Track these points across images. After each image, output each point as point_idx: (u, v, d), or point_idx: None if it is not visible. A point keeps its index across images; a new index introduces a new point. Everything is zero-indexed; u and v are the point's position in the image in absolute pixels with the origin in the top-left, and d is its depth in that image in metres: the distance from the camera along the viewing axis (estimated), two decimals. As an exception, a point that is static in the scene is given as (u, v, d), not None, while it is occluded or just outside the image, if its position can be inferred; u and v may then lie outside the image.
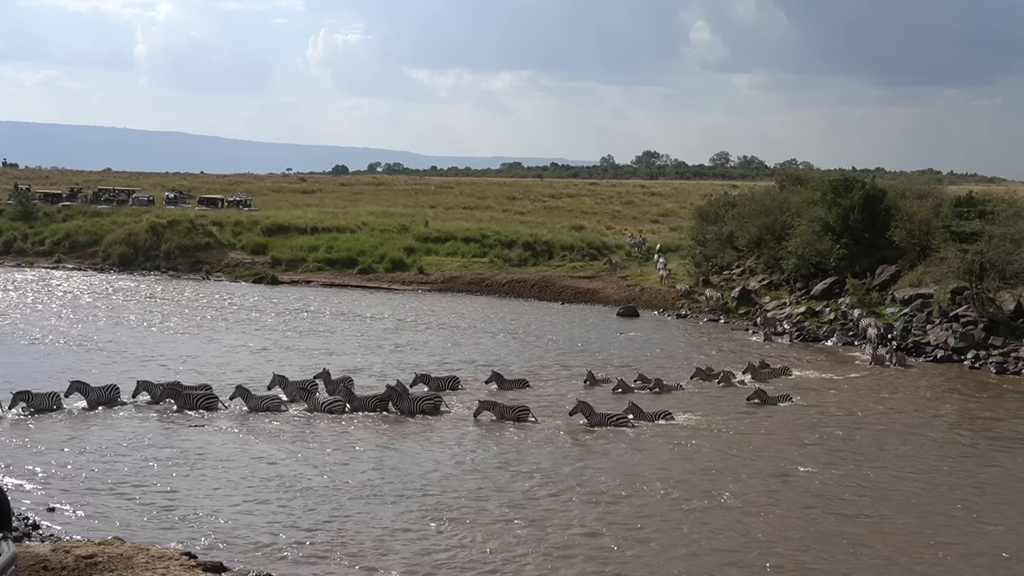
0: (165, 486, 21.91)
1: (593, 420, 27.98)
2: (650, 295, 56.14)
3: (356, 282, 63.30)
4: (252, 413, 28.40)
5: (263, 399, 29.19)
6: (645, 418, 28.35)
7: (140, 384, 29.73)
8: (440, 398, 29.73)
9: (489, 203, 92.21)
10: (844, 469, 24.29)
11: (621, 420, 28.04)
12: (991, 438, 27.95)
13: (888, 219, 49.20)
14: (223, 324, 46.28)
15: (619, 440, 26.70)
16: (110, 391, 29.16)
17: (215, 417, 28.14)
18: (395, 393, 29.32)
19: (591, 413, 28.14)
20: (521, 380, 33.05)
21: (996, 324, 39.51)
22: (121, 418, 27.85)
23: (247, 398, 28.84)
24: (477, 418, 28.36)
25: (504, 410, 28.41)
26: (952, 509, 21.57)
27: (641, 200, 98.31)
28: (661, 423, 28.24)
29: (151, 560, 14.96)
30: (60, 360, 35.87)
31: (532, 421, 28.20)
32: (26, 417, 27.46)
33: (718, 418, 29.26)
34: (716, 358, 39.23)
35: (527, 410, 28.56)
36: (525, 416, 28.29)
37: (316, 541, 18.90)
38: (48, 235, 74.77)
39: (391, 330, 45.61)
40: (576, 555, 18.50)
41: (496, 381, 32.67)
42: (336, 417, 28.35)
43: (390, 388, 29.72)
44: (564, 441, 26.69)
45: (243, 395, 28.87)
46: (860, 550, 19.10)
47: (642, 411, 28.55)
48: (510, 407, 28.63)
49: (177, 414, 28.26)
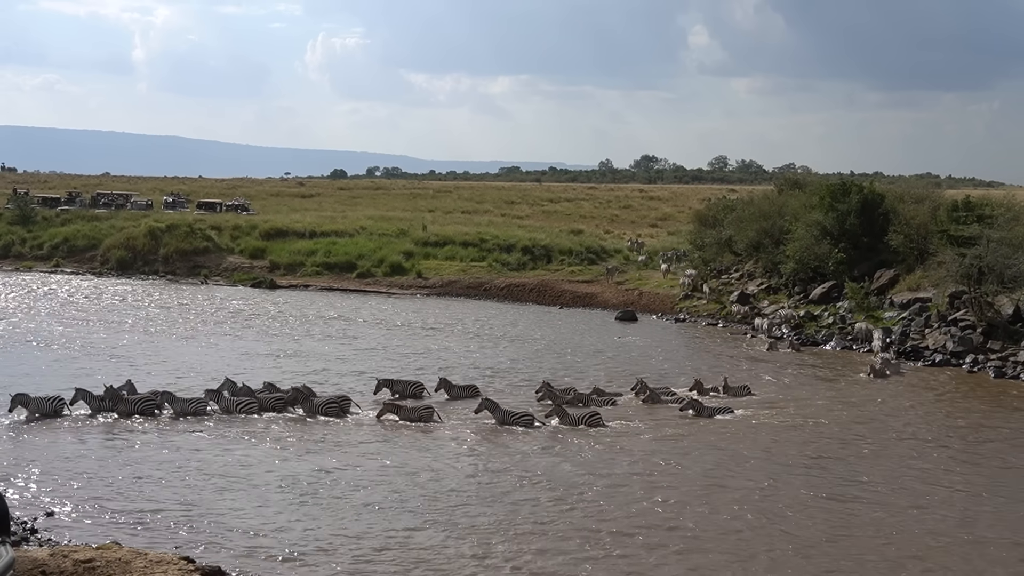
0: (163, 491, 21.86)
1: (498, 417, 28.23)
2: (648, 299, 56.21)
3: (354, 286, 63.29)
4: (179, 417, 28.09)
5: (190, 403, 28.78)
6: (568, 421, 28.18)
7: (78, 392, 28.45)
8: (348, 401, 29.30)
9: (487, 207, 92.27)
10: (764, 480, 23.81)
11: (524, 418, 28.18)
12: (990, 442, 27.95)
13: (886, 223, 49.22)
14: (221, 329, 46.25)
15: (532, 441, 26.76)
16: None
17: (214, 421, 28.10)
18: (300, 395, 29.17)
19: (496, 409, 28.43)
20: (471, 386, 32.16)
21: (995, 328, 39.52)
22: (120, 423, 27.77)
23: (172, 402, 28.44)
24: (380, 420, 28.36)
25: (408, 412, 28.46)
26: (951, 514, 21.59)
27: (639, 204, 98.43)
28: (583, 428, 27.93)
29: (149, 565, 14.91)
30: (66, 366, 35.85)
31: (437, 421, 28.25)
32: (26, 422, 27.40)
33: (641, 424, 28.79)
34: (712, 364, 39.27)
35: (431, 410, 28.66)
36: (429, 416, 28.37)
37: (314, 545, 18.86)
38: (46, 239, 74.70)
39: (387, 335, 45.57)
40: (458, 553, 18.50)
41: (444, 388, 31.59)
42: (335, 421, 28.29)
43: (295, 390, 29.51)
44: (466, 440, 26.77)
45: (168, 400, 28.49)
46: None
47: (567, 413, 28.45)
48: (414, 408, 28.67)
49: (173, 420, 28.19)
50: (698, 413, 29.80)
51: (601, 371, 36.82)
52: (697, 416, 29.69)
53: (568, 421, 28.25)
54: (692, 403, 30.28)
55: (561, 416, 28.47)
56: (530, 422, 28.13)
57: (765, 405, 31.56)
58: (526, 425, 27.98)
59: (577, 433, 27.53)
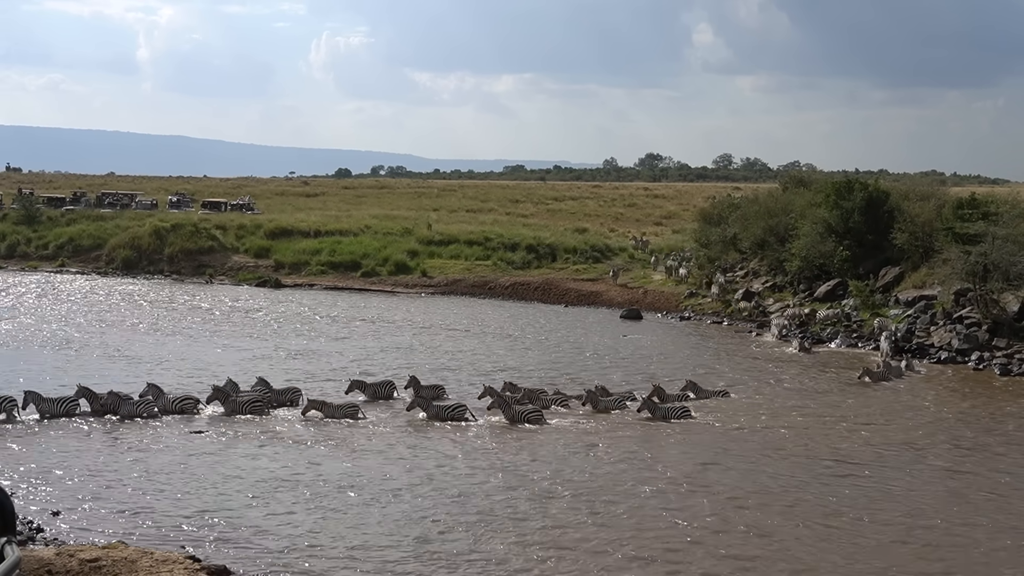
0: (169, 490, 21.90)
1: (431, 413, 28.52)
2: (653, 297, 56.19)
3: (359, 285, 63.32)
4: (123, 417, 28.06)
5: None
6: (509, 415, 28.35)
7: (28, 395, 28.07)
8: (264, 401, 29.15)
9: (492, 206, 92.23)
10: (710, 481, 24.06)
11: (457, 410, 28.57)
12: (999, 437, 27.87)
13: (891, 221, 49.13)
14: (228, 328, 46.32)
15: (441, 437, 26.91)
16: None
17: (217, 421, 28.16)
18: (221, 394, 29.15)
19: (428, 406, 28.74)
20: (438, 386, 31.81)
21: (1000, 326, 39.45)
22: (124, 423, 27.83)
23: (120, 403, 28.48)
24: (305, 416, 28.46)
25: (333, 409, 28.58)
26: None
27: (644, 203, 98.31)
28: (528, 426, 28.01)
29: (155, 564, 14.94)
30: (70, 365, 35.93)
31: (361, 418, 28.39)
32: (34, 422, 27.48)
33: (579, 424, 28.55)
34: (714, 362, 39.23)
35: (356, 407, 28.80)
36: (354, 414, 28.50)
37: (320, 545, 18.89)
38: (52, 239, 74.86)
39: (390, 333, 45.62)
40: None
41: (413, 387, 31.19)
42: (347, 421, 28.28)
43: (216, 389, 29.44)
44: (394, 438, 26.87)
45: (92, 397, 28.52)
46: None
47: (510, 406, 28.63)
48: (339, 406, 28.77)
49: (178, 420, 28.26)
50: (653, 414, 29.27)
51: (607, 370, 36.76)
52: (652, 418, 29.04)
53: (509, 416, 28.47)
54: (647, 404, 29.68)
55: (504, 410, 28.69)
56: (463, 414, 28.58)
57: (736, 410, 30.22)
58: (458, 418, 28.38)
59: (511, 430, 27.62)
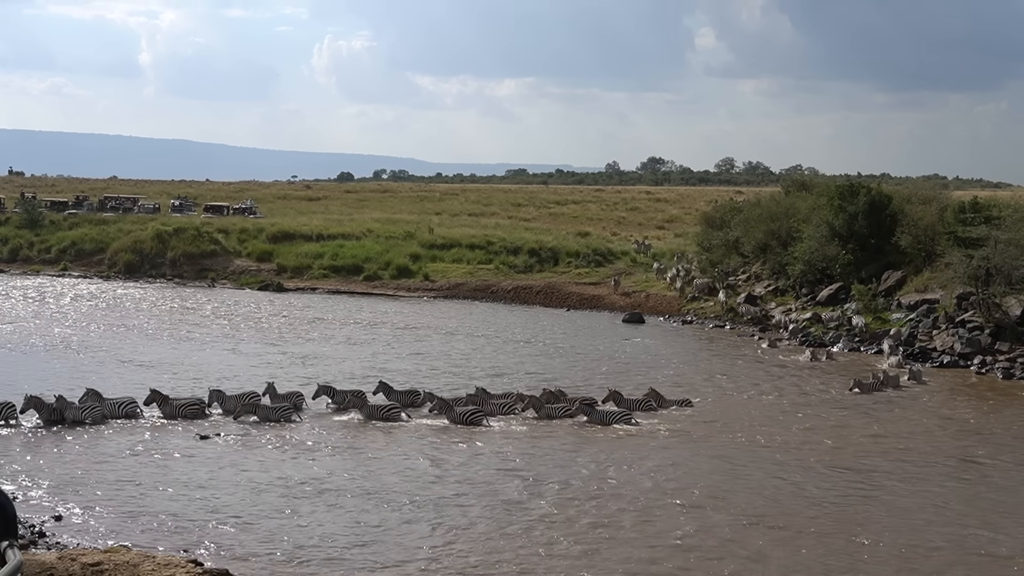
0: (172, 494, 21.92)
1: (365, 413, 28.83)
2: (656, 301, 56.17)
3: (362, 289, 63.32)
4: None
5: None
6: (453, 417, 28.48)
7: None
8: (202, 405, 29.13)
9: (494, 210, 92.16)
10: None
11: (393, 411, 28.89)
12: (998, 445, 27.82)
13: (894, 224, 49.16)
14: (234, 332, 46.34)
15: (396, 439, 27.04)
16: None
17: (221, 425, 28.17)
18: (158, 397, 29.09)
19: (363, 406, 29.05)
20: (412, 391, 31.28)
21: (1002, 330, 39.43)
22: (128, 427, 27.86)
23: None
24: (237, 420, 28.43)
25: (268, 411, 28.63)
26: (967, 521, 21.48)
27: (646, 206, 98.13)
28: (473, 428, 28.07)
29: (157, 567, 14.93)
30: (72, 369, 35.98)
31: (296, 421, 28.46)
32: (36, 426, 27.48)
33: (524, 428, 28.42)
34: (712, 367, 39.21)
35: (291, 410, 28.85)
36: (289, 416, 28.56)
37: (321, 549, 18.88)
38: (54, 243, 74.89)
39: (392, 337, 45.57)
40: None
41: (383, 391, 30.90)
42: (340, 423, 28.32)
43: (153, 392, 29.29)
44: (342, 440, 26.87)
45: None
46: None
47: (452, 408, 28.82)
48: (274, 408, 28.83)
49: (182, 424, 28.26)
50: (589, 419, 28.87)
51: (607, 375, 36.74)
52: (590, 423, 28.69)
53: (452, 418, 28.64)
54: (583, 408, 29.38)
55: (445, 411, 28.97)
56: (397, 414, 28.90)
57: (692, 419, 29.60)
58: (393, 419, 28.67)
59: (447, 431, 27.75)
